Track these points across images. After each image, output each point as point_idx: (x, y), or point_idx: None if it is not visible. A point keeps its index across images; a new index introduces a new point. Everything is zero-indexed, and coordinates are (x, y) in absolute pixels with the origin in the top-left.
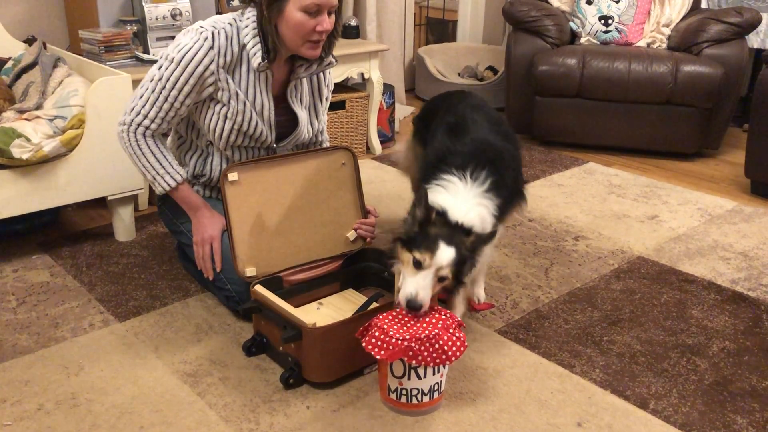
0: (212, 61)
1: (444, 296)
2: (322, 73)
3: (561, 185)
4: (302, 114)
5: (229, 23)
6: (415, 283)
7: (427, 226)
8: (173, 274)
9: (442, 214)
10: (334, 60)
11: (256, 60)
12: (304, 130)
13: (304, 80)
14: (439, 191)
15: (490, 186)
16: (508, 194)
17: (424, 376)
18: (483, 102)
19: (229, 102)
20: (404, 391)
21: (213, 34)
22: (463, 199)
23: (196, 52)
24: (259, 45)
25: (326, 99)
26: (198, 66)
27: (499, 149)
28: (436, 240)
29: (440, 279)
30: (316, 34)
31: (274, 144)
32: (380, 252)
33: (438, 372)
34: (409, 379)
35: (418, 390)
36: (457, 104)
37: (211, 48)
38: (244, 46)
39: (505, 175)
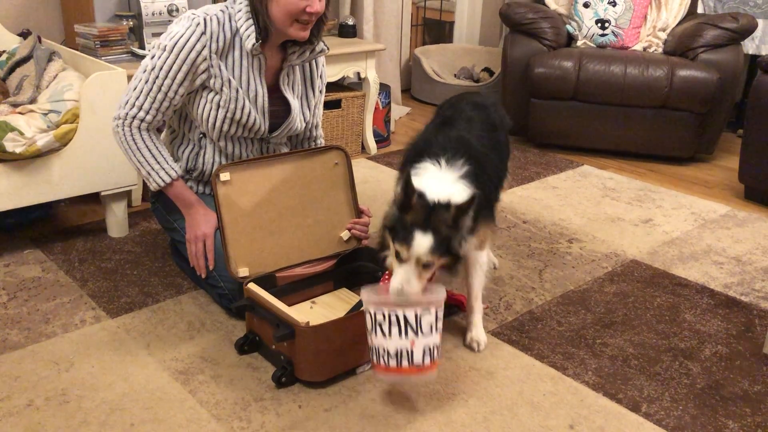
0: (204, 46)
1: (461, 299)
2: (314, 63)
3: (555, 188)
4: (295, 102)
5: (221, 10)
6: (399, 276)
7: (406, 213)
8: (166, 271)
9: (421, 197)
10: (326, 47)
11: (250, 42)
12: (297, 119)
13: (297, 69)
14: (414, 177)
15: (466, 173)
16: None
17: (389, 335)
18: (490, 102)
19: (221, 89)
20: (374, 350)
21: (205, 20)
22: (438, 180)
23: (188, 38)
24: (252, 27)
25: (320, 91)
26: (191, 52)
27: (481, 153)
28: (411, 230)
29: (425, 266)
30: (305, 15)
31: (267, 134)
32: (374, 251)
33: (405, 335)
34: (375, 335)
35: (384, 350)
36: (460, 101)
37: (203, 33)
38: (237, 31)
39: (481, 177)
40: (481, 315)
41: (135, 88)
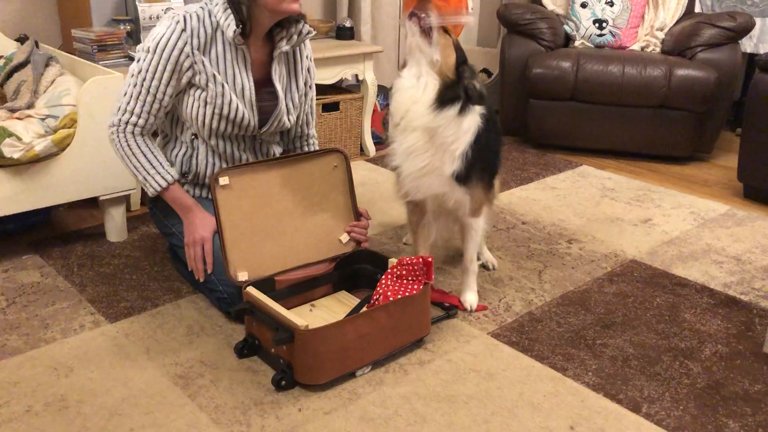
0: (186, 43)
1: (456, 300)
2: (298, 54)
3: (555, 188)
4: (281, 94)
5: (200, 7)
6: None
7: None
8: (165, 275)
9: None
10: (311, 29)
11: (230, 29)
12: (284, 111)
13: (282, 60)
14: None
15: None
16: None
17: None
18: None
19: (207, 85)
20: None
21: (185, 18)
22: None
23: (170, 37)
24: (231, 17)
25: (309, 87)
26: (173, 50)
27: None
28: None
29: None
30: None
31: (258, 130)
32: (373, 254)
33: None
34: None
35: None
36: None
37: (184, 30)
38: (218, 25)
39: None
40: (474, 277)
41: (125, 94)
